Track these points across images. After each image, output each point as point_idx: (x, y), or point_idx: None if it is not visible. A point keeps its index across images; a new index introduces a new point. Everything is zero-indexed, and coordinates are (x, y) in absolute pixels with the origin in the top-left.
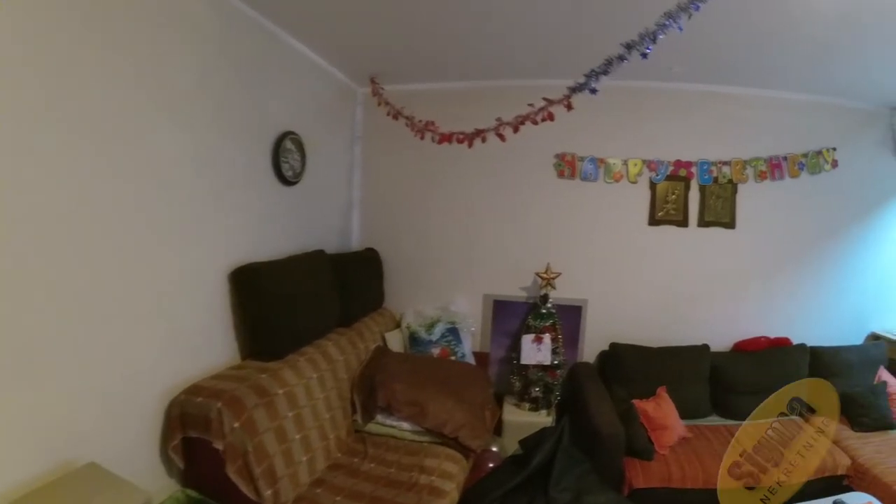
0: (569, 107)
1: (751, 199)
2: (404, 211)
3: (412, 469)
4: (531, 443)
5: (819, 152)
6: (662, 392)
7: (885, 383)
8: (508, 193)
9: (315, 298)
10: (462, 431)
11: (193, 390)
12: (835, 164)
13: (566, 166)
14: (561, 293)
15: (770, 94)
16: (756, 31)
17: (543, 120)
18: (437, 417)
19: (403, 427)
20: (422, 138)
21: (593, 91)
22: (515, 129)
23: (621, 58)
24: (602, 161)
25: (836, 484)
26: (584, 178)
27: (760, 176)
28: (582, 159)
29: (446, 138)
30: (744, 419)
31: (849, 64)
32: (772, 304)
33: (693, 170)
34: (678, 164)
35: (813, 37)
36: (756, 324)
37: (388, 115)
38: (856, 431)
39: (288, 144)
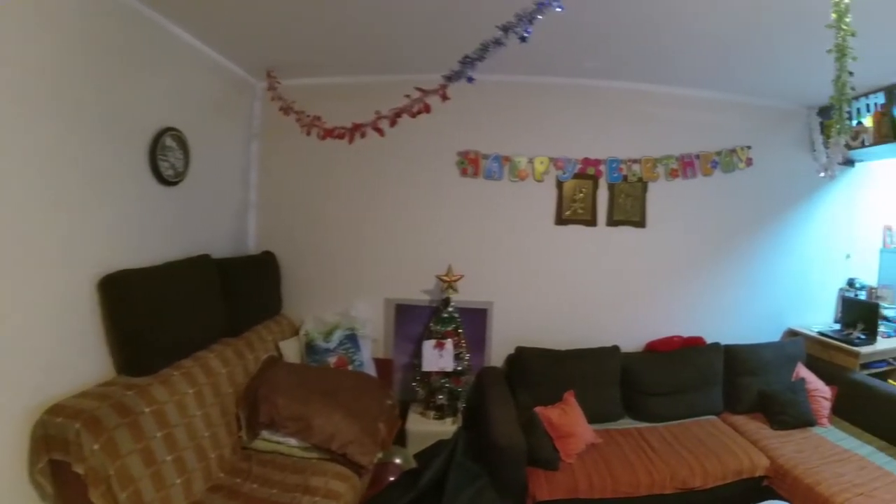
0: (444, 97)
1: (662, 197)
2: (305, 212)
3: (296, 489)
4: (426, 457)
5: (733, 150)
6: (570, 397)
7: (803, 380)
8: (411, 193)
9: (195, 307)
10: (351, 447)
11: (55, 410)
12: (749, 162)
13: (469, 164)
14: (465, 296)
15: (684, 91)
16: (663, 27)
17: (419, 112)
18: (324, 432)
19: (291, 443)
20: (308, 134)
21: (470, 80)
22: (392, 123)
23: (497, 41)
24: (507, 159)
25: (754, 486)
26: (489, 177)
27: (672, 174)
28: (486, 157)
29: (328, 133)
30: (657, 421)
31: (761, 64)
32: (685, 303)
33: (602, 168)
34: (586, 162)
35: (721, 36)
36: (669, 323)
37: (279, 110)
38: (775, 430)
39: (168, 141)
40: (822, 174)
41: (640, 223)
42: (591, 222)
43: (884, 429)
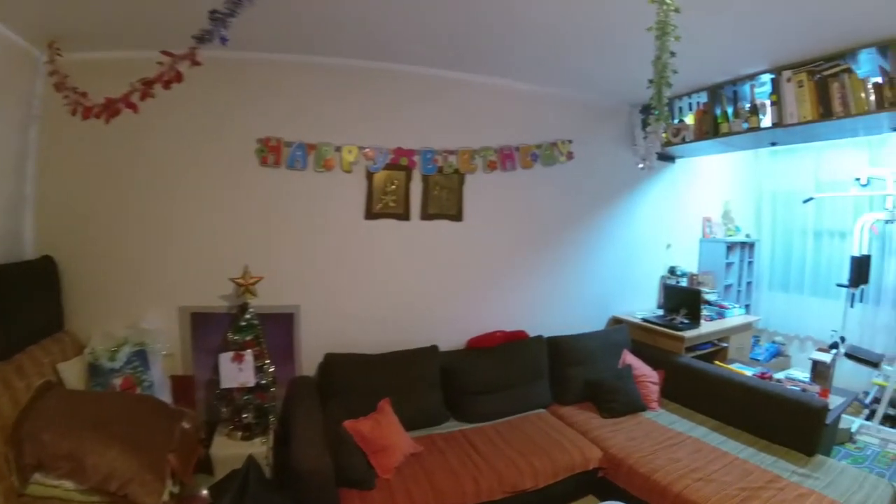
0: (194, 61)
1: (480, 190)
2: (94, 209)
3: None
4: (219, 491)
5: (554, 144)
6: (385, 405)
7: (629, 367)
8: (205, 185)
9: None
10: (132, 486)
11: None
12: (570, 156)
13: (270, 153)
14: (268, 300)
15: (505, 83)
16: (489, 16)
17: (170, 81)
18: (99, 472)
19: (68, 486)
20: (73, 113)
21: (223, 40)
22: (143, 96)
23: None
24: (312, 147)
25: (589, 480)
26: (291, 167)
27: (490, 166)
28: (289, 145)
29: (88, 112)
30: (485, 420)
31: (587, 61)
32: (507, 298)
33: (416, 158)
34: (399, 152)
35: (547, 31)
36: (490, 319)
37: (53, 86)
38: (606, 418)
39: None
40: (641, 165)
41: (457, 217)
42: (404, 216)
43: (714, 409)
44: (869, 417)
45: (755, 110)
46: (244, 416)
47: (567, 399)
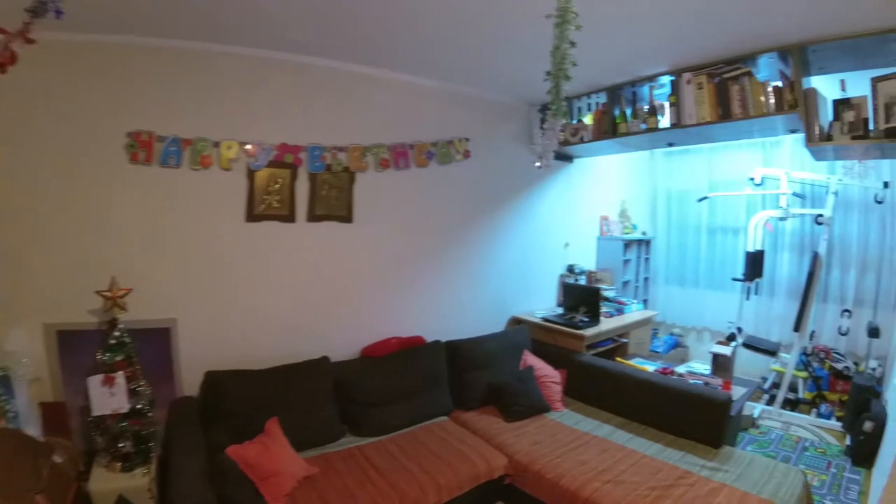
0: (27, 39)
1: (371, 189)
2: None
3: None
4: None
5: (451, 142)
6: (273, 426)
7: (531, 367)
8: (69, 185)
9: None
10: None
11: None
12: (467, 154)
13: (141, 148)
14: (141, 314)
15: (400, 77)
16: (383, 4)
17: (4, 64)
18: None
19: None
20: None
21: (58, 13)
22: None
23: None
24: (188, 142)
25: (496, 488)
26: (165, 164)
27: (382, 164)
28: (162, 139)
29: None
30: (384, 433)
31: (484, 57)
32: (402, 302)
33: (302, 155)
34: (283, 148)
35: (443, 22)
36: (385, 325)
37: None
38: (509, 422)
39: None
40: (538, 164)
41: (347, 218)
42: (290, 218)
43: (618, 406)
44: (769, 402)
45: (654, 111)
46: (121, 444)
47: (469, 405)
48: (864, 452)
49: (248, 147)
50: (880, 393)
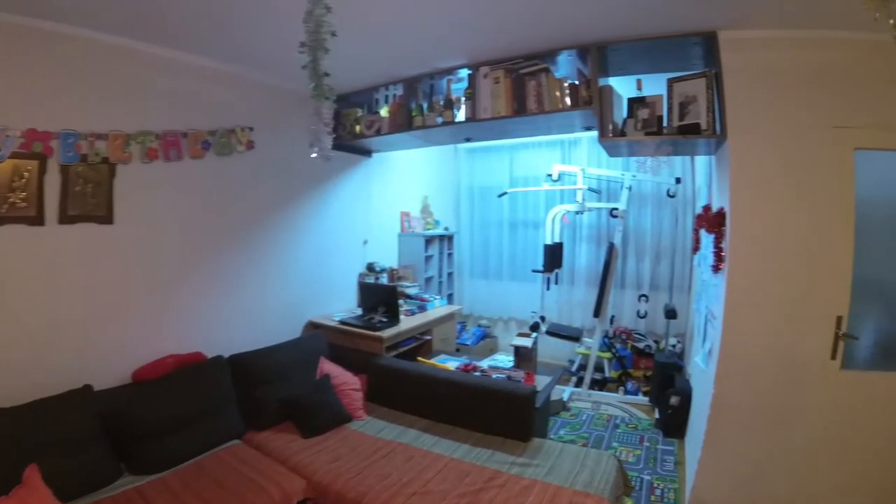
0: None
1: (137, 184)
2: None
3: None
4: None
5: (232, 131)
6: (32, 474)
7: (328, 376)
8: None
9: None
10: None
11: None
12: (250, 145)
13: None
14: None
15: (171, 54)
16: None
17: None
18: None
19: None
20: None
21: None
22: None
23: None
24: None
25: None
26: None
27: (150, 155)
28: None
29: None
30: (167, 468)
31: (262, 34)
32: (179, 315)
33: (53, 144)
34: (31, 134)
35: None
36: (161, 342)
37: None
38: (308, 438)
39: None
40: (314, 154)
41: (107, 218)
42: (38, 220)
43: (422, 408)
44: (578, 384)
45: (450, 104)
46: None
47: (263, 424)
48: (673, 424)
49: None
50: (682, 367)
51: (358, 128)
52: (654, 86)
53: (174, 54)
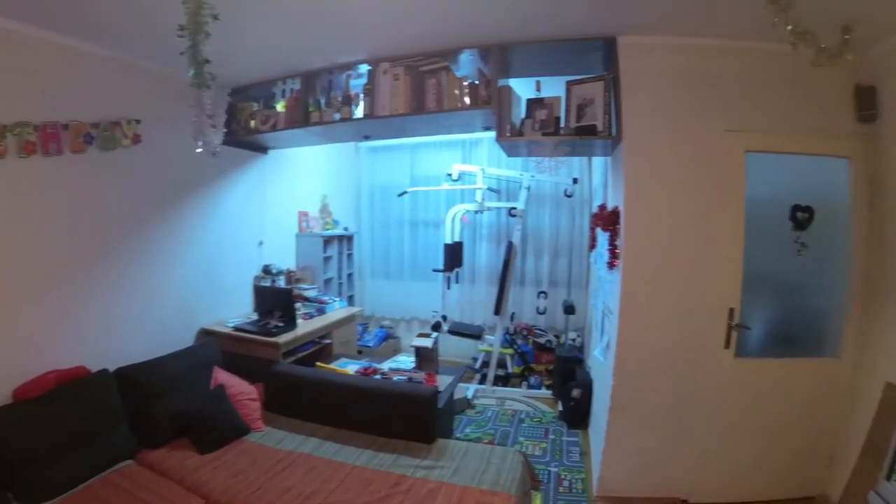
0: None
1: (10, 182)
2: None
3: None
4: None
5: (117, 123)
6: None
7: (222, 386)
8: None
9: None
10: None
11: None
12: (136, 139)
13: None
14: None
15: (54, 37)
16: None
17: None
18: None
19: None
20: None
21: None
22: None
23: None
24: None
25: None
26: None
27: (26, 149)
28: None
29: None
30: (51, 497)
31: (146, 19)
32: (60, 326)
33: None
34: None
35: None
36: (41, 356)
37: None
38: (205, 454)
39: None
40: (199, 149)
41: None
42: None
43: (323, 415)
44: (482, 381)
45: (348, 101)
46: None
47: (156, 441)
48: (576, 416)
49: None
50: (583, 360)
51: (253, 123)
52: (553, 88)
53: (53, 36)
